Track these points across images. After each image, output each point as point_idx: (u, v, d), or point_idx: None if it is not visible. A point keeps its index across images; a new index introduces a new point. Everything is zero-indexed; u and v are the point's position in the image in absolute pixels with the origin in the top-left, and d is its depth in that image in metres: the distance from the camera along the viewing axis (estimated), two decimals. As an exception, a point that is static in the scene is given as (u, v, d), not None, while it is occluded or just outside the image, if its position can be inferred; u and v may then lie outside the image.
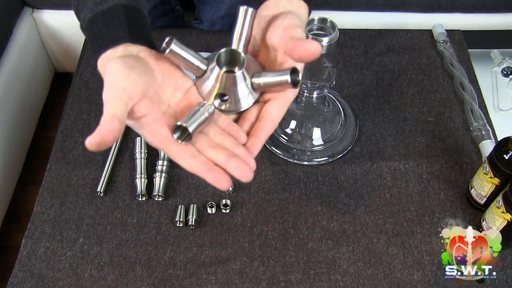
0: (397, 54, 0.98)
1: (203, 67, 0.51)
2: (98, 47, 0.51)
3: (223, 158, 0.49)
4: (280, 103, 0.51)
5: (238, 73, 0.49)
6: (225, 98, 0.51)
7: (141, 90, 0.48)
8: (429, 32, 1.03)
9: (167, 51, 0.49)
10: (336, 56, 0.98)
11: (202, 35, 1.00)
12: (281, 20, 0.50)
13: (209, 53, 0.53)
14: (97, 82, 0.93)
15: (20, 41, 1.28)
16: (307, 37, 0.67)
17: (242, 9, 0.50)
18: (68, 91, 0.93)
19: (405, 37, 1.02)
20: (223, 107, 0.51)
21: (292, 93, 0.50)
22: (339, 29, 0.70)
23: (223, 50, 0.50)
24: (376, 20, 1.25)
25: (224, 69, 0.51)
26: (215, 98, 0.51)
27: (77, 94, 0.92)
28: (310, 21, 0.71)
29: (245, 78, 0.50)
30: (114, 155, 0.82)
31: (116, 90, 0.46)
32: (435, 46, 1.00)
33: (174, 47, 0.49)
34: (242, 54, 0.50)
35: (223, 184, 0.48)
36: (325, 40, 0.68)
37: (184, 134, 0.48)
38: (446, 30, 1.01)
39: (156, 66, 0.51)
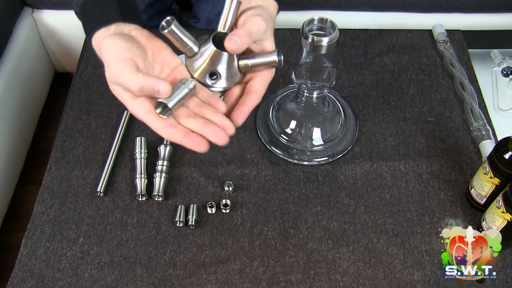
0: (397, 54, 0.98)
1: (196, 48, 0.57)
2: (92, 26, 0.56)
3: (199, 126, 0.54)
4: (262, 81, 0.59)
5: (226, 54, 0.56)
6: (215, 77, 0.57)
7: (138, 64, 0.53)
8: (429, 32, 1.03)
9: (167, 30, 0.54)
10: (336, 56, 0.98)
11: (202, 35, 1.00)
12: (250, 11, 0.57)
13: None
14: (97, 82, 0.93)
15: (20, 41, 1.28)
16: (307, 37, 0.68)
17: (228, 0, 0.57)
18: (68, 91, 0.93)
19: (405, 37, 1.02)
20: (212, 84, 0.57)
21: (270, 72, 0.59)
22: (339, 29, 0.70)
23: (216, 32, 0.57)
24: (376, 20, 1.25)
25: (216, 48, 0.56)
26: (206, 76, 0.57)
27: (77, 94, 0.92)
28: (310, 21, 0.71)
29: (233, 59, 0.57)
30: (114, 155, 0.82)
31: (125, 61, 0.52)
32: (435, 46, 1.00)
33: (174, 28, 0.54)
34: None
35: (201, 146, 0.53)
36: (325, 40, 0.68)
37: (165, 109, 0.54)
38: (446, 30, 1.01)
39: (147, 44, 0.56)
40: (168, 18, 0.54)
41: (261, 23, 0.56)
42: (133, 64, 0.52)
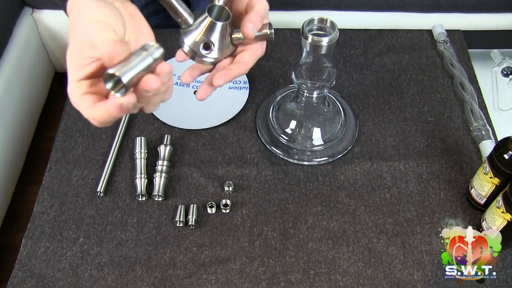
0: (397, 54, 0.98)
1: (191, 20, 0.56)
2: None
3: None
4: (252, 53, 0.58)
5: (225, 23, 0.56)
6: (208, 47, 0.56)
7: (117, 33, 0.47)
8: (429, 32, 1.03)
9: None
10: (336, 56, 0.98)
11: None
12: None
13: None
14: (97, 82, 0.93)
15: (20, 41, 1.28)
16: (307, 37, 0.69)
17: None
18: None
19: (405, 37, 1.02)
20: (205, 54, 0.57)
21: (261, 47, 0.59)
22: (339, 29, 0.70)
23: (213, 4, 0.56)
24: (376, 20, 1.25)
25: (212, 19, 0.56)
26: (200, 47, 0.56)
27: (77, 94, 0.92)
28: (310, 21, 0.71)
29: (227, 31, 0.57)
30: (114, 155, 0.82)
31: (108, 26, 0.46)
32: (435, 46, 1.00)
33: None
34: (228, 11, 0.57)
35: (152, 84, 0.45)
36: (325, 40, 0.68)
37: (118, 85, 0.43)
38: (446, 30, 1.01)
39: (127, 18, 0.51)
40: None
41: (265, 3, 0.56)
42: (113, 31, 0.47)
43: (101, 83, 0.46)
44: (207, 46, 0.57)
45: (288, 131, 0.84)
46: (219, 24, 0.56)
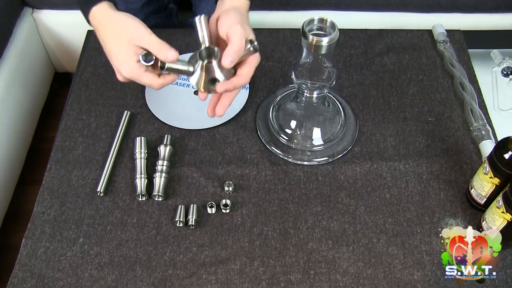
0: (397, 54, 0.98)
1: (191, 68, 0.66)
2: (90, 1, 0.67)
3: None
4: (249, 65, 0.67)
5: (215, 62, 0.65)
6: (216, 80, 0.66)
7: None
8: (429, 32, 1.03)
9: (165, 70, 0.65)
10: (336, 56, 0.98)
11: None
12: (224, 17, 0.67)
13: (190, 53, 0.69)
14: (97, 82, 0.93)
15: (20, 41, 1.28)
16: (307, 37, 0.69)
17: (197, 19, 0.65)
18: (68, 91, 0.93)
19: (405, 37, 1.02)
20: (216, 86, 0.66)
21: (256, 58, 0.68)
22: (339, 29, 0.70)
23: (200, 49, 0.66)
24: (376, 20, 1.25)
25: (206, 61, 0.66)
26: (209, 84, 0.66)
27: (77, 94, 0.92)
28: (310, 21, 0.71)
29: (221, 63, 0.64)
30: (114, 155, 0.82)
31: (143, 29, 0.64)
32: (435, 46, 1.00)
33: (169, 65, 0.65)
34: (215, 48, 0.65)
35: (169, 53, 0.63)
36: (325, 40, 0.68)
37: (149, 56, 0.64)
38: (446, 30, 1.01)
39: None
40: (160, 64, 0.65)
41: (241, 32, 0.64)
42: (146, 28, 0.64)
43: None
44: (214, 81, 0.66)
45: (288, 131, 0.84)
46: (213, 63, 0.65)
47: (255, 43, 0.65)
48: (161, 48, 0.63)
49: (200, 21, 0.65)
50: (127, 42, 0.64)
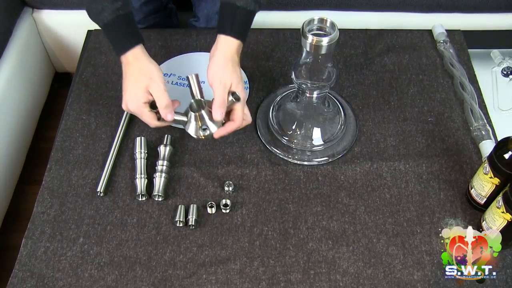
0: (397, 54, 0.98)
1: (186, 118, 0.75)
2: (127, 44, 0.74)
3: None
4: (237, 111, 0.75)
5: (203, 111, 0.74)
6: (207, 130, 0.75)
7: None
8: (429, 32, 1.03)
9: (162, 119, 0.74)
10: (336, 56, 0.98)
11: (202, 35, 1.00)
12: (210, 68, 0.75)
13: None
14: (97, 82, 0.93)
15: (20, 41, 1.28)
16: (307, 37, 0.69)
17: (190, 77, 0.75)
18: (68, 91, 0.93)
19: (405, 37, 1.02)
20: (205, 135, 0.74)
21: (240, 103, 0.74)
22: (339, 29, 0.70)
23: (191, 102, 0.75)
24: (376, 20, 1.25)
25: (196, 112, 0.74)
26: (200, 131, 0.74)
27: (77, 94, 0.92)
28: (310, 21, 0.71)
29: (211, 112, 0.73)
30: (114, 155, 0.82)
31: (161, 86, 0.73)
32: (435, 46, 1.00)
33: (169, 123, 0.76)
34: (202, 100, 0.74)
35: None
36: (325, 40, 0.68)
37: (205, 130, 0.75)
38: (446, 30, 1.01)
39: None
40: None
41: (220, 90, 0.72)
42: (164, 84, 0.74)
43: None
44: (205, 128, 0.75)
45: (288, 131, 0.84)
46: (203, 113, 0.73)
47: (236, 93, 0.74)
48: (166, 108, 0.72)
49: (192, 78, 0.75)
50: (144, 87, 0.73)
